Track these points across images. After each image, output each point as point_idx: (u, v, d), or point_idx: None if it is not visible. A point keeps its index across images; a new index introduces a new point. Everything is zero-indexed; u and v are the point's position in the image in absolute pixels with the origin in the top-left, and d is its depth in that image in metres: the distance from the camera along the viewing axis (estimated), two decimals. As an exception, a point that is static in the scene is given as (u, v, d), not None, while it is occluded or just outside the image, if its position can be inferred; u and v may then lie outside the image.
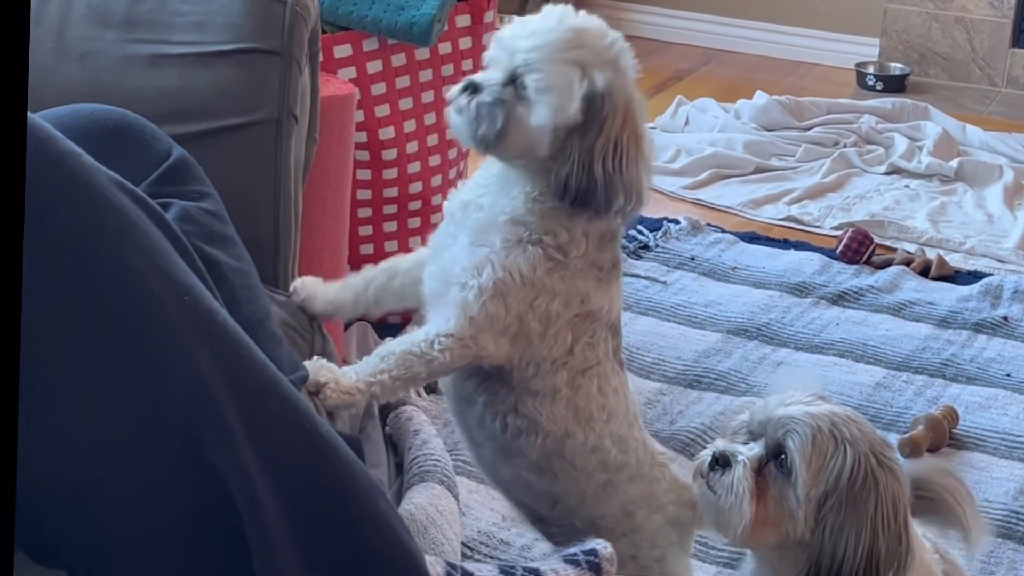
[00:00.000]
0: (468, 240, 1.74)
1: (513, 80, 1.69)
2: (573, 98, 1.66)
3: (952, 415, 2.68)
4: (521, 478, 1.85)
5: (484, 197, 1.75)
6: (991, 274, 3.47)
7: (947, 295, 3.34)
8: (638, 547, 1.86)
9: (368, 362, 1.72)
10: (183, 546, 1.19)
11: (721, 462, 1.59)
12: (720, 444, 1.62)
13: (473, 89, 1.71)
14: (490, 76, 1.71)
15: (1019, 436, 2.68)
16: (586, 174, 1.68)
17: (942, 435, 2.62)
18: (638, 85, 1.75)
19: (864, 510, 1.55)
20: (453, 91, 1.73)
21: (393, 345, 1.72)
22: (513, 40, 1.70)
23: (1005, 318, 3.21)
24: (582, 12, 1.73)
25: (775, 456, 1.59)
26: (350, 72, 2.75)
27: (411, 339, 1.72)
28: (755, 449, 1.59)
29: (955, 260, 3.56)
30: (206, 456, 1.17)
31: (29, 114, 1.20)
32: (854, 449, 1.56)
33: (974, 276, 3.47)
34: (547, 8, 1.71)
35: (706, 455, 1.62)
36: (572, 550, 1.53)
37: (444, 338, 1.70)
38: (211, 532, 1.19)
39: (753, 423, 1.62)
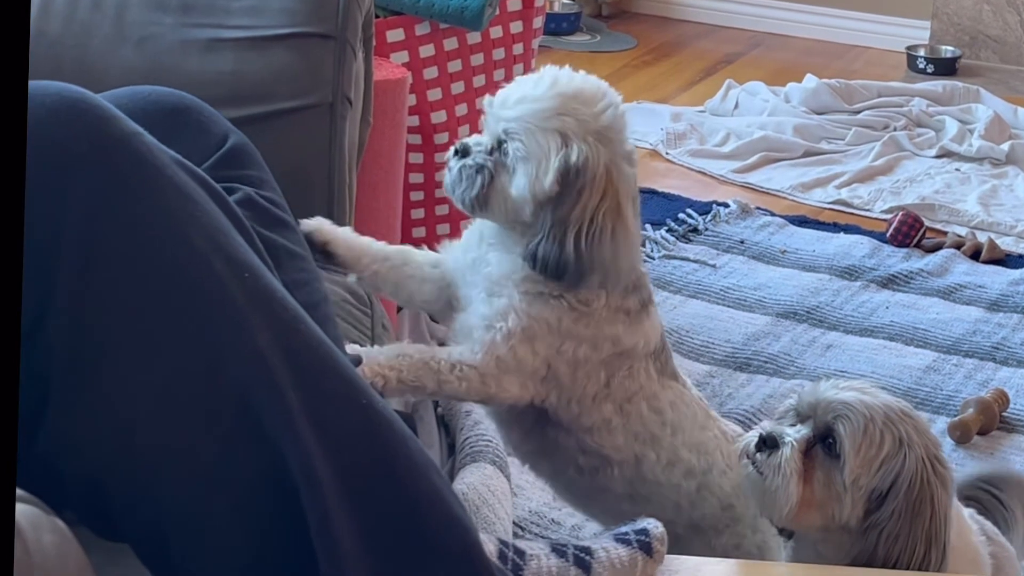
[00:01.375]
0: (485, 293, 1.71)
1: (499, 146, 1.67)
2: (549, 169, 1.63)
3: (1003, 398, 2.68)
4: (615, 509, 1.83)
5: (491, 253, 1.73)
6: (1042, 257, 3.46)
7: (998, 278, 3.33)
8: (741, 536, 1.84)
9: (383, 352, 1.69)
10: (241, 518, 1.20)
11: (768, 443, 1.60)
12: (767, 425, 1.63)
13: (463, 152, 1.70)
14: (480, 140, 1.70)
15: (1070, 419, 2.68)
16: (558, 247, 1.64)
17: (992, 418, 2.62)
18: (687, 71, 1.75)
19: (919, 521, 1.56)
20: (448, 152, 1.72)
21: (412, 349, 1.70)
22: (501, 105, 1.67)
23: (1056, 302, 3.20)
24: (581, 72, 1.69)
25: (823, 439, 1.59)
26: (403, 56, 2.77)
27: (434, 352, 1.70)
28: (803, 431, 1.60)
29: (1006, 243, 3.55)
30: (264, 430, 1.18)
31: (93, 95, 1.22)
32: (914, 453, 1.57)
33: (1025, 260, 3.46)
34: (545, 69, 1.69)
35: (752, 436, 1.62)
36: (623, 529, 1.54)
37: (467, 368, 1.68)
38: (269, 505, 1.20)
39: (802, 405, 1.62)
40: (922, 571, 1.56)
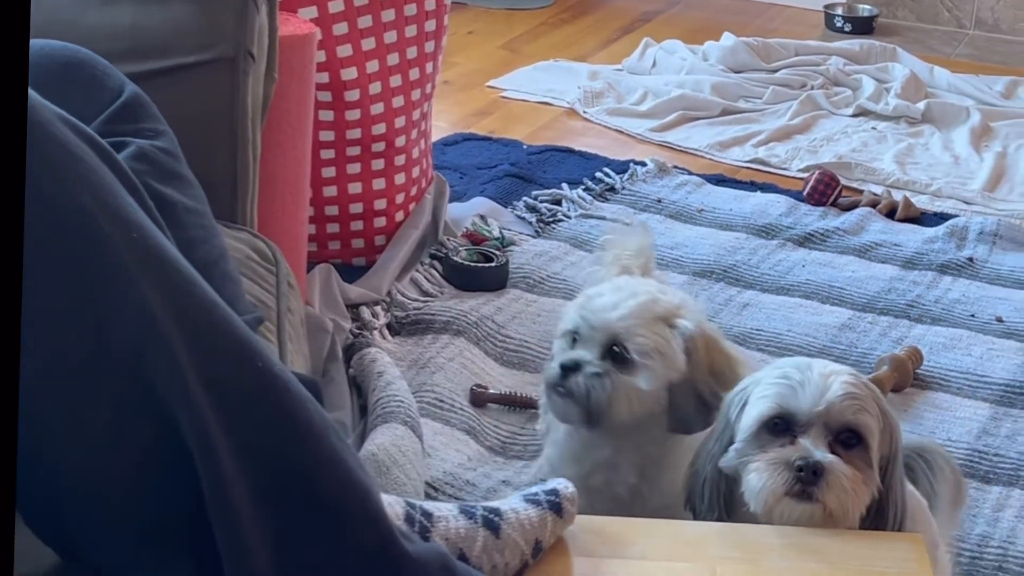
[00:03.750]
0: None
1: (610, 351, 1.79)
2: (675, 350, 1.78)
3: (916, 355, 2.69)
4: None
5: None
6: (957, 215, 3.47)
7: (913, 236, 3.34)
8: None
9: None
10: (135, 486, 1.17)
11: (818, 472, 1.55)
12: (786, 456, 1.57)
13: (573, 367, 1.80)
14: (581, 352, 1.80)
15: (982, 376, 2.69)
16: (700, 406, 1.80)
17: (906, 375, 2.63)
18: (604, 29, 1.76)
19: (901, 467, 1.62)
20: (552, 375, 1.82)
21: None
22: (603, 311, 1.79)
23: (970, 259, 3.21)
24: (636, 277, 1.88)
25: (837, 436, 1.58)
26: (311, 12, 2.72)
27: None
28: (818, 442, 1.57)
29: (921, 202, 3.56)
30: (156, 394, 1.15)
31: (-29, 48, 1.18)
32: (888, 411, 1.60)
33: (940, 218, 3.47)
34: (614, 282, 1.85)
35: (776, 483, 1.56)
36: (533, 490, 1.53)
37: None
38: (163, 472, 1.18)
39: (804, 414, 1.58)
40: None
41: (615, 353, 1.79)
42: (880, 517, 1.60)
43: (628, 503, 1.88)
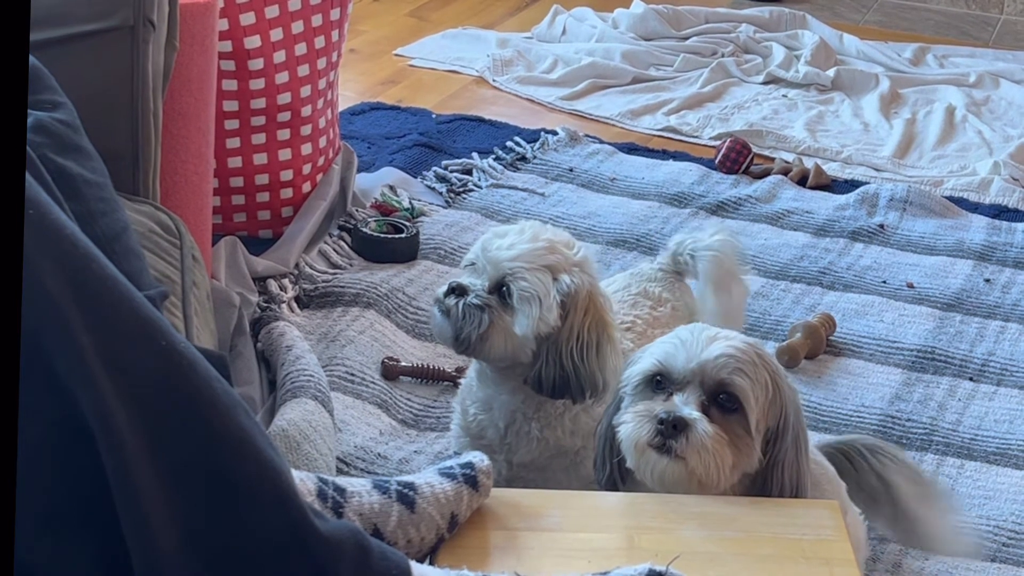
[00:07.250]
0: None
1: (498, 288, 1.82)
2: (552, 305, 1.80)
3: (829, 322, 2.70)
4: None
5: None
6: (867, 182, 3.48)
7: (824, 204, 3.35)
8: None
9: None
10: (33, 469, 1.14)
11: (679, 427, 1.55)
12: (653, 410, 1.58)
13: (460, 292, 1.82)
14: (475, 281, 1.83)
15: (894, 342, 2.70)
16: (557, 368, 1.81)
17: (819, 342, 2.64)
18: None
19: (804, 445, 1.63)
20: (439, 292, 1.85)
21: None
22: (498, 250, 1.82)
23: (881, 226, 3.23)
24: (549, 226, 1.87)
25: (714, 398, 1.58)
26: (215, -21, 2.67)
27: None
28: (691, 397, 1.57)
29: (832, 169, 3.57)
30: (56, 374, 1.13)
31: None
32: (784, 384, 1.61)
33: (851, 185, 3.48)
34: (523, 223, 1.86)
35: (643, 430, 1.56)
36: (448, 463, 1.52)
37: None
38: (64, 453, 1.15)
39: (679, 372, 1.59)
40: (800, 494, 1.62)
41: (501, 292, 1.81)
42: (763, 489, 1.61)
43: (497, 451, 1.90)
